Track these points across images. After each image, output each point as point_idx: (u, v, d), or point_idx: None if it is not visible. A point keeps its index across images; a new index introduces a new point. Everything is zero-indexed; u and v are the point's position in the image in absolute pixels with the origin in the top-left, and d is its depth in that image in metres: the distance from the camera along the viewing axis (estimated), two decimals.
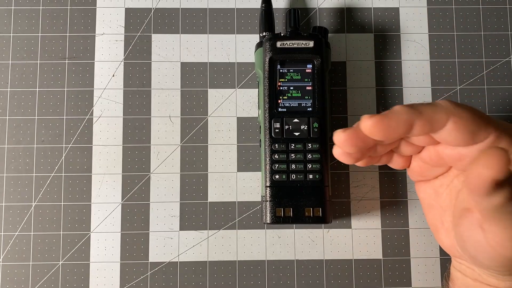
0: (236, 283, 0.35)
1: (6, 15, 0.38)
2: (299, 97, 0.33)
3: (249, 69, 0.38)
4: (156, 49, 0.38)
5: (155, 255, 0.36)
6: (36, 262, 0.35)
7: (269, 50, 0.33)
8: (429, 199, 0.29)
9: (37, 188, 0.36)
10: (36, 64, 0.37)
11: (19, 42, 0.37)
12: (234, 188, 0.36)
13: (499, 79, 0.37)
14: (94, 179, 0.36)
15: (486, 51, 0.38)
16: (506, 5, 0.38)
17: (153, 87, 0.37)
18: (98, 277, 0.35)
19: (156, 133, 0.37)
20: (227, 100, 0.37)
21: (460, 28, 0.38)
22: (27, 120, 0.37)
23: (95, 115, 0.37)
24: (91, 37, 0.38)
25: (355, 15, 0.38)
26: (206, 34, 0.38)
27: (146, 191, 0.36)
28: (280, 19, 0.38)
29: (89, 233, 0.36)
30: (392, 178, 0.36)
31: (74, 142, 0.37)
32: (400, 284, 0.35)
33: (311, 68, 0.34)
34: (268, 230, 0.36)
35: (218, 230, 0.36)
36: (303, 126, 0.33)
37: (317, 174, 0.32)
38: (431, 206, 0.29)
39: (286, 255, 0.36)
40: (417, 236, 0.36)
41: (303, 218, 0.32)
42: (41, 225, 0.36)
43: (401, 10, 0.38)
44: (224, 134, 0.37)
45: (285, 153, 0.33)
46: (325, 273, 0.36)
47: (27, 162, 0.36)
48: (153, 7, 0.38)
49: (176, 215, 0.36)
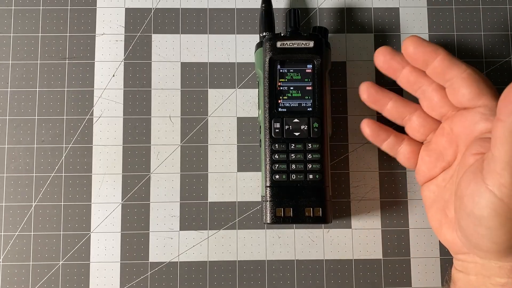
0: (236, 283, 0.35)
1: (6, 15, 0.38)
2: (299, 97, 0.33)
3: (249, 69, 0.38)
4: (156, 49, 0.38)
5: (155, 255, 0.36)
6: (36, 262, 0.35)
7: (269, 50, 0.33)
8: (433, 195, 0.32)
9: (37, 188, 0.36)
10: (36, 64, 0.37)
11: (19, 42, 0.38)
12: (234, 188, 0.36)
13: (499, 79, 0.37)
14: (94, 179, 0.36)
15: (486, 51, 0.38)
16: (506, 5, 0.38)
17: (153, 87, 0.37)
18: (98, 277, 0.35)
19: (156, 133, 0.37)
20: (227, 100, 0.37)
21: (460, 28, 0.38)
22: (27, 120, 0.37)
23: (95, 115, 0.37)
24: (91, 37, 0.38)
25: (355, 15, 0.38)
26: (206, 34, 0.38)
27: (146, 191, 0.36)
28: (280, 19, 0.38)
29: (89, 233, 0.36)
30: (392, 178, 0.36)
31: (74, 142, 0.37)
32: (400, 284, 0.35)
33: (311, 68, 0.34)
34: (268, 230, 0.36)
35: (218, 230, 0.36)
36: (303, 126, 0.33)
37: (317, 174, 0.32)
38: (434, 201, 0.32)
39: (286, 255, 0.36)
40: (417, 236, 0.36)
41: (303, 218, 0.32)
42: (41, 225, 0.36)
43: (401, 10, 0.38)
44: (224, 134, 0.37)
45: (285, 153, 0.33)
46: (325, 273, 0.36)
47: (27, 162, 0.36)
48: (153, 7, 0.38)
49: (176, 215, 0.36)
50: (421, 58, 0.30)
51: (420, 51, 0.30)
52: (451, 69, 0.30)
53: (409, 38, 0.31)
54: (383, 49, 0.32)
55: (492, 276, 0.28)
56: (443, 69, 0.30)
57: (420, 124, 0.33)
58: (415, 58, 0.31)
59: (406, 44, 0.31)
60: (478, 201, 0.26)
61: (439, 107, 0.32)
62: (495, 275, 0.28)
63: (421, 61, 0.31)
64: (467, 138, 0.30)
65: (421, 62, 0.31)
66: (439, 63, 0.30)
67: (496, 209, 0.25)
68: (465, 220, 0.27)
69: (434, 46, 0.30)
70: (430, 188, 0.32)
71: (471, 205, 0.26)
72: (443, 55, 0.30)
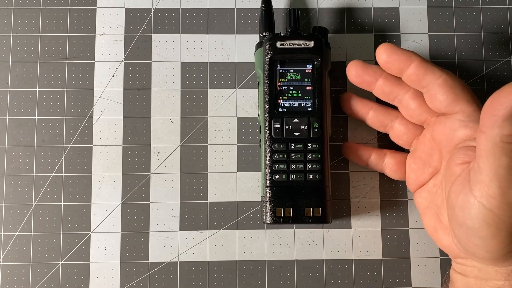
0: (236, 283, 0.35)
1: (6, 15, 0.38)
2: (299, 97, 0.33)
3: (249, 69, 0.38)
4: (156, 49, 0.38)
5: (155, 255, 0.36)
6: (36, 262, 0.35)
7: (269, 50, 0.33)
8: (425, 201, 0.32)
9: (37, 188, 0.36)
10: (36, 64, 0.37)
11: (19, 42, 0.37)
12: (234, 188, 0.36)
13: (499, 79, 0.37)
14: (94, 179, 0.36)
15: (486, 51, 0.38)
16: (506, 5, 0.38)
17: (153, 87, 0.37)
18: (98, 277, 0.35)
19: (156, 133, 0.37)
20: (227, 100, 0.37)
21: (460, 28, 0.38)
22: (27, 120, 0.37)
23: (95, 115, 0.37)
24: (91, 37, 0.38)
25: (355, 15, 0.38)
26: (206, 34, 0.38)
27: (146, 191, 0.36)
28: (280, 19, 0.38)
29: (89, 233, 0.36)
30: (392, 178, 0.36)
31: (74, 142, 0.37)
32: (400, 284, 0.35)
33: (311, 68, 0.34)
34: (268, 230, 0.36)
35: (218, 230, 0.36)
36: (303, 126, 0.33)
37: (317, 174, 0.32)
38: (427, 208, 0.32)
39: (286, 255, 0.36)
40: (417, 236, 0.36)
41: (303, 218, 0.32)
42: (41, 225, 0.36)
43: (401, 10, 0.38)
44: (224, 134, 0.37)
45: (285, 153, 0.33)
46: (325, 273, 0.36)
47: (27, 162, 0.36)
48: (153, 7, 0.38)
49: (176, 215, 0.36)
50: (395, 66, 0.30)
51: (393, 58, 0.30)
52: (426, 75, 0.30)
53: (381, 46, 0.31)
54: (355, 63, 0.32)
55: (490, 279, 0.28)
56: (418, 76, 0.30)
57: (403, 132, 0.33)
58: (389, 66, 0.31)
59: (379, 52, 0.31)
60: (468, 212, 0.26)
61: (417, 115, 0.32)
62: (493, 278, 0.28)
63: (395, 69, 0.31)
64: (448, 145, 0.30)
65: (395, 69, 0.31)
66: (413, 70, 0.30)
67: (487, 220, 0.25)
68: (458, 230, 0.27)
69: (408, 53, 0.30)
70: (422, 195, 0.32)
71: (462, 216, 0.26)
72: (417, 61, 0.30)
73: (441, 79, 0.29)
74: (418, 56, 0.30)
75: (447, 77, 0.29)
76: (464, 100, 0.29)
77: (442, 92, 0.29)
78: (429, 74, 0.29)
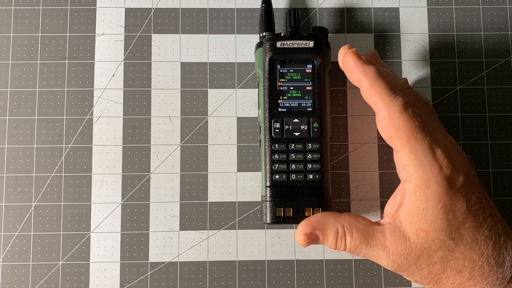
0: (236, 283, 0.35)
1: (6, 15, 0.38)
2: (299, 97, 0.33)
3: (249, 69, 0.38)
4: (156, 49, 0.38)
5: (155, 255, 0.36)
6: (36, 262, 0.35)
7: (269, 50, 0.33)
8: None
9: (37, 188, 0.36)
10: (36, 64, 0.37)
11: (19, 42, 0.38)
12: (234, 188, 0.36)
13: (499, 79, 0.37)
14: (94, 179, 0.36)
15: (486, 51, 0.38)
16: (506, 5, 0.38)
17: (153, 87, 0.37)
18: (98, 277, 0.35)
19: (156, 133, 0.37)
20: (227, 100, 0.37)
21: (460, 28, 0.38)
22: (27, 120, 0.37)
23: (95, 115, 0.37)
24: (91, 37, 0.38)
25: (355, 15, 0.38)
26: (206, 34, 0.38)
27: (146, 191, 0.36)
28: (280, 19, 0.38)
29: (89, 233, 0.36)
30: (392, 178, 0.36)
31: (74, 142, 0.37)
32: (400, 284, 0.35)
33: (311, 68, 0.34)
34: (268, 230, 0.36)
35: (218, 230, 0.36)
36: (303, 126, 0.33)
37: (317, 174, 0.32)
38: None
39: (286, 255, 0.36)
40: None
41: (303, 218, 0.32)
42: (41, 225, 0.36)
43: (401, 10, 0.38)
44: (224, 134, 0.37)
45: (285, 153, 0.33)
46: (325, 273, 0.36)
47: (27, 162, 0.36)
48: (153, 7, 0.38)
49: (176, 215, 0.36)
50: (351, 79, 0.31)
51: (347, 73, 0.31)
52: (370, 103, 0.30)
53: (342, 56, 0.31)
54: (348, 57, 0.31)
55: None
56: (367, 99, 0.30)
57: None
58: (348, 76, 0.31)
59: (339, 60, 0.31)
60: None
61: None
62: None
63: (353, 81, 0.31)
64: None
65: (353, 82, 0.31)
66: (362, 93, 0.30)
67: None
68: None
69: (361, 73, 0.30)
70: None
71: None
72: (365, 87, 0.30)
73: (379, 115, 0.29)
74: (368, 79, 0.29)
75: (386, 115, 0.29)
76: (397, 143, 0.29)
77: (380, 128, 0.30)
78: (372, 104, 0.30)
